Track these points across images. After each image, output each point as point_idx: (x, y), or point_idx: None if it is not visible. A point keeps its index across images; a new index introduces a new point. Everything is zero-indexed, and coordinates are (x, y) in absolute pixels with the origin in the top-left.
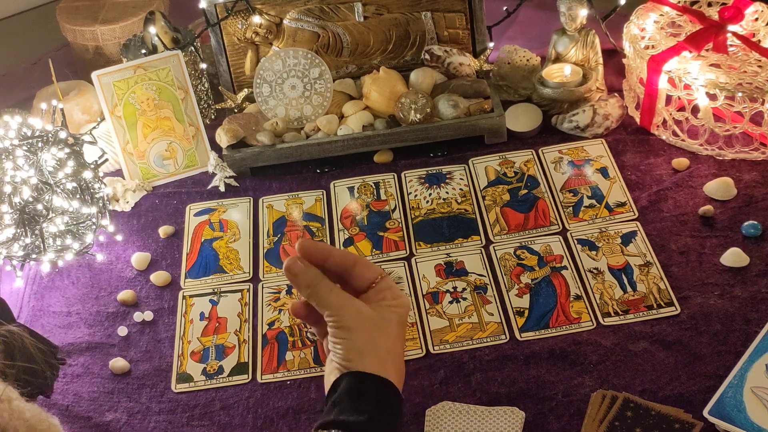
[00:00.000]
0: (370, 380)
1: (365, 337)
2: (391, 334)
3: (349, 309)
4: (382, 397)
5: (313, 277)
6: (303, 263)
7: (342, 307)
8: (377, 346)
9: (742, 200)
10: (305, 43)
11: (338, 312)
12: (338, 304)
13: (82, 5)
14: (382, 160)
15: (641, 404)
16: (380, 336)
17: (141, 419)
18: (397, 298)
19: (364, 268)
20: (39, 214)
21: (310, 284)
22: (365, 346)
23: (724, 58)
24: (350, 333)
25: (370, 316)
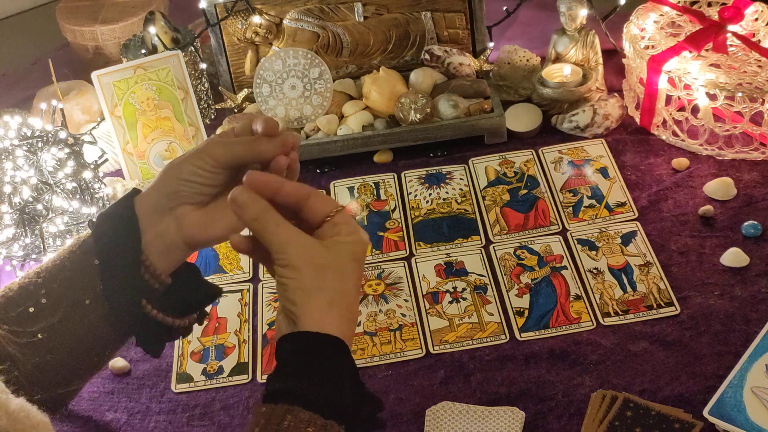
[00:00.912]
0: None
1: (313, 276)
2: (344, 273)
3: (296, 245)
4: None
5: (260, 209)
6: (250, 194)
7: (289, 242)
8: (325, 287)
9: (742, 200)
10: (305, 43)
11: (284, 248)
12: (285, 240)
13: (82, 5)
14: (382, 160)
15: (641, 404)
16: (331, 275)
17: (141, 419)
18: (353, 234)
19: (318, 200)
20: (39, 214)
21: (256, 217)
22: (312, 287)
23: (724, 58)
24: (296, 272)
25: (320, 253)
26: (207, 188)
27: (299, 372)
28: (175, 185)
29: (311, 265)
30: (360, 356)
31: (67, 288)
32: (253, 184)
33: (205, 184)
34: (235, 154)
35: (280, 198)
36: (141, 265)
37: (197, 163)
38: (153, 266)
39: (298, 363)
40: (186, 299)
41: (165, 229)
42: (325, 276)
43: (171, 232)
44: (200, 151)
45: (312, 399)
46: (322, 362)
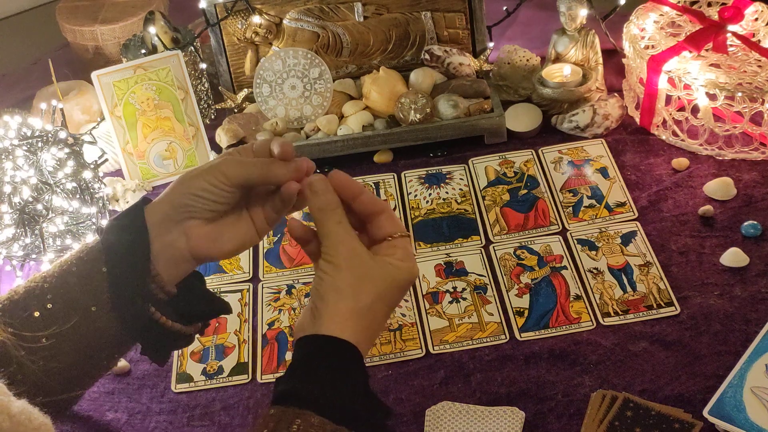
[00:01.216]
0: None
1: (350, 281)
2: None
3: (347, 247)
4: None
5: (329, 201)
6: (327, 185)
7: (342, 242)
8: (358, 296)
9: (741, 200)
10: (305, 43)
11: (335, 246)
12: (339, 239)
13: (82, 5)
14: (382, 160)
15: (641, 404)
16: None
17: (141, 419)
18: (406, 261)
19: (388, 219)
20: (39, 214)
21: (323, 207)
22: (345, 291)
23: (724, 58)
24: (337, 271)
25: (366, 264)
26: (217, 205)
27: (311, 375)
28: (186, 199)
29: (353, 270)
30: None
31: (73, 294)
32: (335, 181)
33: (215, 201)
34: (249, 175)
35: (355, 205)
36: (148, 275)
37: (210, 180)
38: (159, 276)
39: (311, 366)
40: (190, 310)
41: (173, 240)
42: (361, 286)
43: (179, 244)
44: (214, 168)
45: (322, 403)
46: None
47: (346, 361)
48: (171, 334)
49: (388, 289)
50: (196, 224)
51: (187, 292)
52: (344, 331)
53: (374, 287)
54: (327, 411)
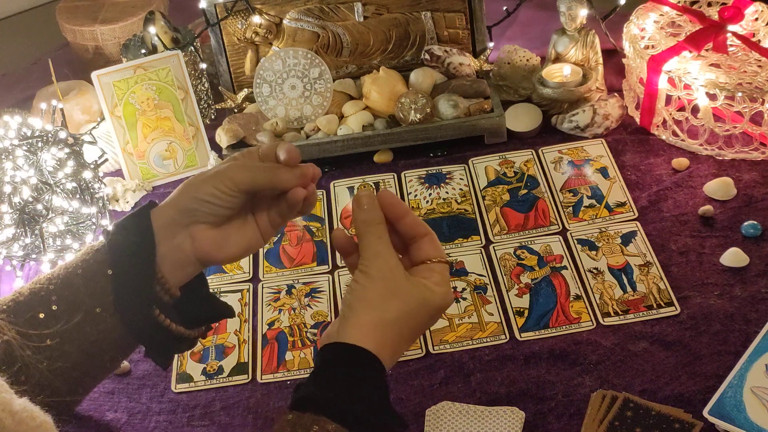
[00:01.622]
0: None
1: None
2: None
3: (384, 262)
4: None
5: (374, 217)
6: (374, 201)
7: (379, 256)
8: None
9: (742, 200)
10: (305, 43)
11: (373, 259)
12: (377, 253)
13: (82, 5)
14: (382, 160)
15: (641, 404)
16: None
17: (141, 419)
18: (441, 286)
19: (430, 243)
20: (39, 214)
21: (367, 221)
22: (374, 303)
23: (724, 58)
24: (369, 282)
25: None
26: (223, 209)
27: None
28: (193, 203)
29: (386, 285)
30: None
31: (78, 296)
32: (383, 199)
33: (222, 206)
34: (256, 180)
35: (400, 226)
36: (154, 278)
37: (217, 185)
38: (165, 279)
39: (330, 372)
40: (194, 314)
41: (179, 244)
42: (390, 300)
43: (185, 248)
44: (221, 174)
45: (339, 410)
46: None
47: (364, 369)
48: (175, 337)
49: (418, 309)
50: (202, 228)
51: (191, 295)
52: (366, 341)
53: (404, 304)
54: (343, 418)
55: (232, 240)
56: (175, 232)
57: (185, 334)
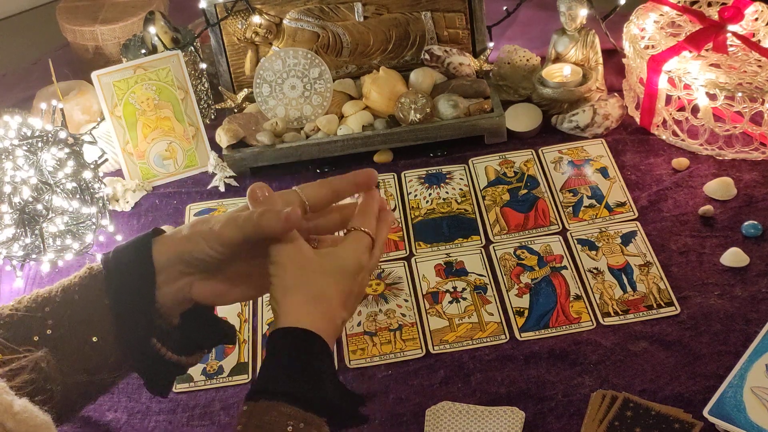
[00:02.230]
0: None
1: (295, 275)
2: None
3: (285, 246)
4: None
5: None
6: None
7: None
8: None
9: (742, 200)
10: (305, 43)
11: (276, 248)
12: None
13: (82, 5)
14: (382, 160)
15: (641, 404)
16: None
17: (141, 419)
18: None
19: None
20: (39, 214)
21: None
22: (293, 285)
23: (724, 58)
24: (281, 270)
25: (308, 256)
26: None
27: (276, 367)
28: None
29: (295, 264)
30: (360, 356)
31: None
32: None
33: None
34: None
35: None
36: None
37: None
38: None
39: (274, 359)
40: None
41: (179, 287)
42: (306, 276)
43: (184, 291)
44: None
45: (290, 392)
46: (297, 355)
47: (308, 348)
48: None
49: (335, 276)
50: (201, 278)
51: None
52: (299, 321)
53: (319, 276)
54: (295, 399)
55: (230, 291)
56: (176, 277)
57: (185, 362)
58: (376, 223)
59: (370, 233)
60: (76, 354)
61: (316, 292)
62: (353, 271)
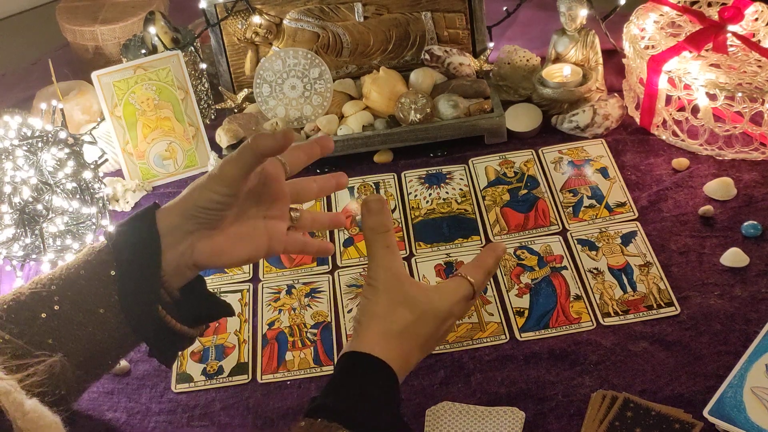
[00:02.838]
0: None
1: (386, 306)
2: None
3: (389, 274)
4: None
5: (382, 224)
6: (383, 206)
7: (385, 267)
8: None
9: (742, 200)
10: (305, 43)
11: (378, 271)
12: (383, 263)
13: (82, 5)
14: (382, 160)
15: (641, 404)
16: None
17: (141, 419)
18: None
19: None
20: (39, 214)
21: (374, 229)
22: (381, 314)
23: (724, 58)
24: (375, 295)
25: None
26: (224, 213)
27: (341, 389)
28: (194, 210)
29: (390, 297)
30: None
31: (81, 296)
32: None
33: (221, 209)
34: (244, 160)
35: None
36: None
37: (214, 188)
38: (168, 281)
39: (342, 381)
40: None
41: (183, 250)
42: (396, 311)
43: (186, 255)
44: (215, 175)
45: (350, 417)
46: (364, 382)
47: (374, 376)
48: (178, 336)
49: (424, 316)
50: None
51: (190, 294)
52: (374, 350)
53: (409, 312)
54: (354, 424)
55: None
56: (178, 238)
57: (188, 333)
58: (484, 279)
59: (474, 284)
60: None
61: (401, 328)
62: (443, 318)
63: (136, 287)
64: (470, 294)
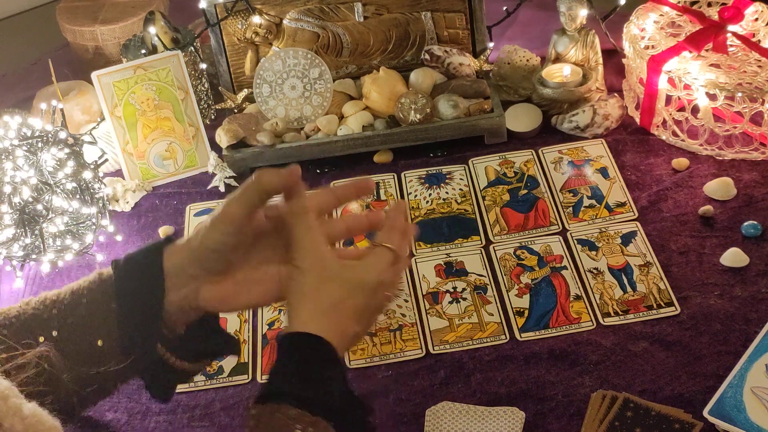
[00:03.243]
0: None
1: (314, 284)
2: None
3: (312, 253)
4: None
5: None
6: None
7: (308, 249)
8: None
9: (741, 200)
10: (305, 43)
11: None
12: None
13: (82, 5)
14: (382, 161)
15: (641, 404)
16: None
17: (141, 419)
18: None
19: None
20: (39, 214)
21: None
22: (309, 292)
23: (724, 58)
24: (302, 276)
25: (332, 267)
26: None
27: (286, 372)
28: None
29: (317, 274)
30: (360, 356)
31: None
32: None
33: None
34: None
35: None
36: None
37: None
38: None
39: (285, 363)
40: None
41: (186, 294)
42: (325, 287)
43: (191, 298)
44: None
45: (299, 396)
46: (306, 360)
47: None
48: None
49: (354, 290)
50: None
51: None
52: (309, 328)
53: (338, 288)
54: (303, 402)
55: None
56: (183, 281)
57: (188, 369)
58: (401, 240)
59: (394, 249)
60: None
61: (331, 303)
62: (372, 287)
63: (136, 324)
64: (393, 259)
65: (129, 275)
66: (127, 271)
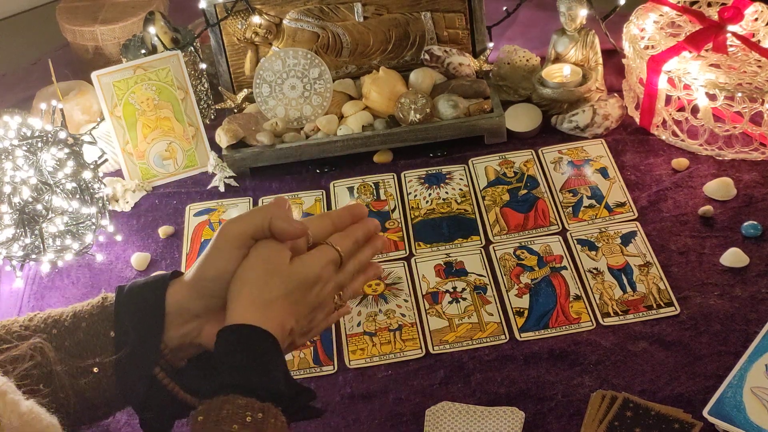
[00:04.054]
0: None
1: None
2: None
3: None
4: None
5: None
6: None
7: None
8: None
9: (741, 200)
10: (305, 43)
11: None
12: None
13: (82, 5)
14: (382, 160)
15: (641, 404)
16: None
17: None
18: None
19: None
20: (39, 214)
21: None
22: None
23: (724, 58)
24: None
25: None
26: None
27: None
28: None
29: (265, 265)
30: (360, 356)
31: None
32: None
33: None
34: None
35: None
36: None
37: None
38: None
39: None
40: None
41: (188, 331)
42: (267, 279)
43: (191, 336)
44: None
45: (244, 385)
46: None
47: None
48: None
49: (291, 284)
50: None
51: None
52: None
53: (281, 284)
54: (250, 390)
55: None
56: (186, 319)
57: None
58: (352, 246)
59: (339, 250)
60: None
61: (269, 297)
62: (309, 282)
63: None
64: (336, 259)
65: (129, 309)
66: (128, 305)
